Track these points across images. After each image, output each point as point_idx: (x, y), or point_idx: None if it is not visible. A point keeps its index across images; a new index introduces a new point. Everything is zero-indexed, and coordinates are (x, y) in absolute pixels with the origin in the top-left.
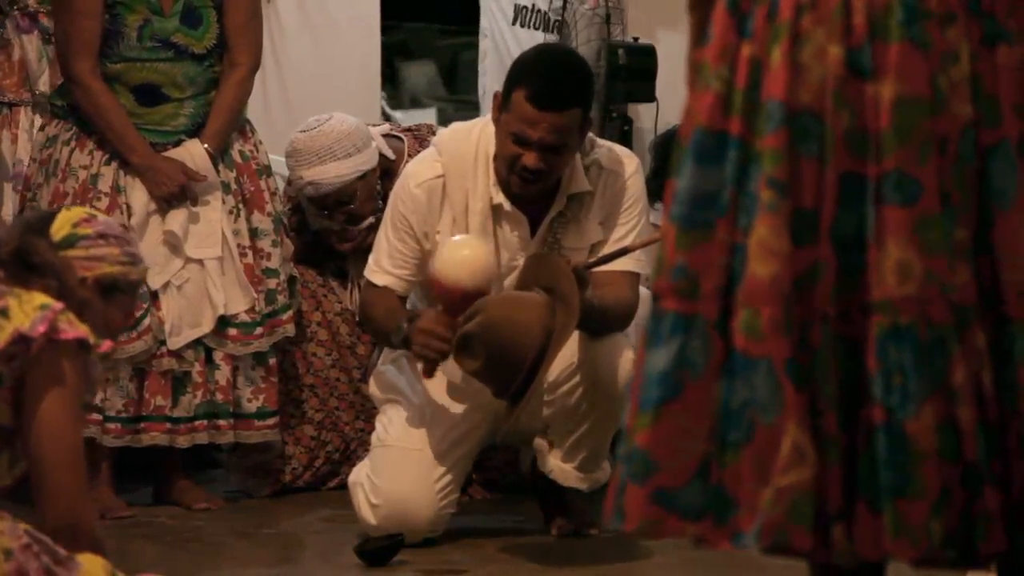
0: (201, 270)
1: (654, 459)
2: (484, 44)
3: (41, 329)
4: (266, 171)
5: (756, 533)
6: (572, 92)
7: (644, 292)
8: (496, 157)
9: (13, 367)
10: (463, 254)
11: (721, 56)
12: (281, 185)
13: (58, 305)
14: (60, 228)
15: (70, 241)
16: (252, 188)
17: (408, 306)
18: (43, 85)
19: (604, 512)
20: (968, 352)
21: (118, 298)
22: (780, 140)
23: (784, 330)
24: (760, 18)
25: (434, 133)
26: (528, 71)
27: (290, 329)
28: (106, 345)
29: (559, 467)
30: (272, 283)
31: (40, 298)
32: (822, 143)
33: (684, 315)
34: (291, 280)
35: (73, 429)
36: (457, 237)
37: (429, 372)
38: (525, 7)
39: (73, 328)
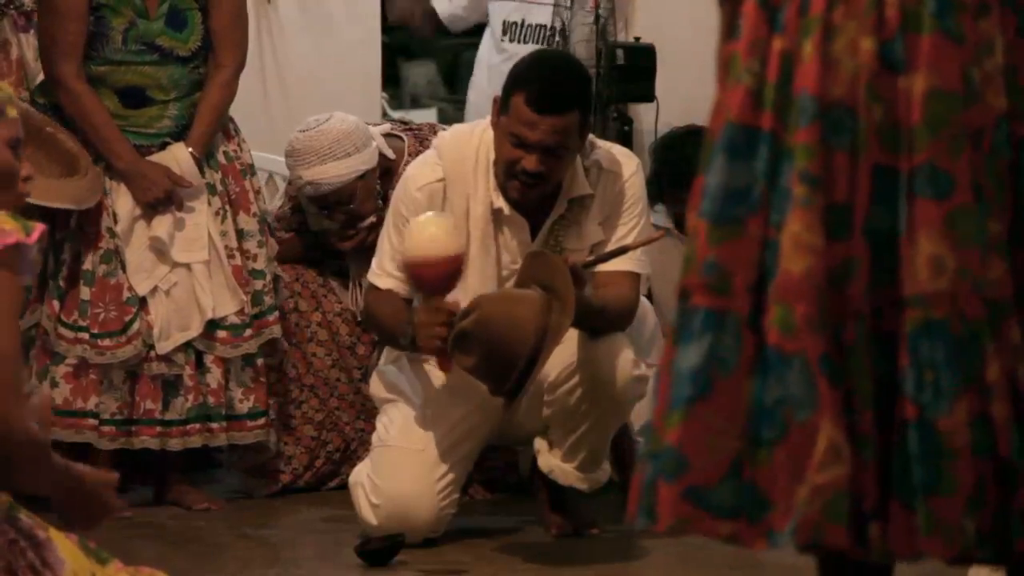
0: (189, 274)
1: (685, 457)
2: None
3: None
4: (250, 171)
5: (791, 531)
6: (571, 94)
7: (646, 303)
8: (496, 162)
9: None
10: (429, 231)
11: (752, 50)
12: (281, 185)
13: None
14: None
15: None
16: (237, 189)
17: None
18: None
19: (628, 512)
20: (1002, 347)
21: None
22: (813, 134)
23: (818, 326)
24: (791, 12)
25: (436, 132)
26: (526, 75)
27: (277, 330)
28: (37, 231)
29: (559, 467)
30: (259, 284)
31: None
32: (855, 137)
33: (715, 312)
34: (275, 279)
35: (9, 339)
36: (418, 217)
37: (445, 364)
38: (515, 23)
39: (3, 235)
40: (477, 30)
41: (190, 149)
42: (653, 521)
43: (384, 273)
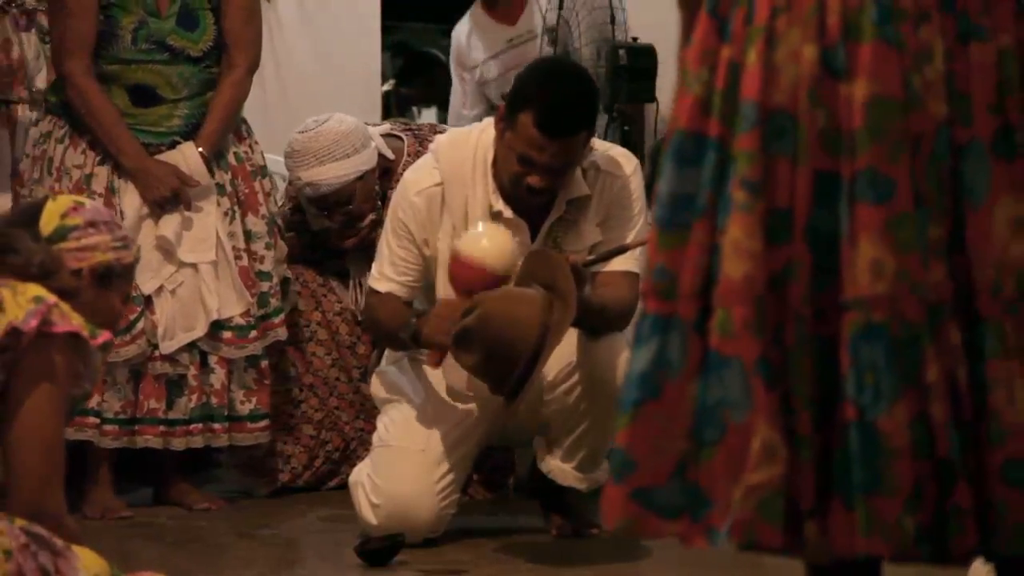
0: (195, 274)
1: (633, 458)
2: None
3: (33, 323)
4: (260, 172)
5: (727, 530)
6: (580, 117)
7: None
8: (498, 168)
9: (5, 360)
10: (499, 241)
11: (701, 59)
12: (281, 185)
13: (52, 299)
14: (48, 221)
15: (60, 234)
16: (247, 190)
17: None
18: (40, 83)
19: (601, 512)
20: (942, 349)
21: (115, 283)
22: (753, 140)
23: (755, 330)
24: (738, 21)
25: (436, 132)
26: (536, 94)
27: (282, 332)
28: (103, 337)
29: (558, 467)
30: (265, 286)
31: (34, 290)
32: (795, 143)
33: (663, 316)
34: (284, 281)
35: (53, 423)
36: (482, 224)
37: (438, 360)
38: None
39: (65, 322)
40: None
41: (199, 148)
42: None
43: (383, 277)
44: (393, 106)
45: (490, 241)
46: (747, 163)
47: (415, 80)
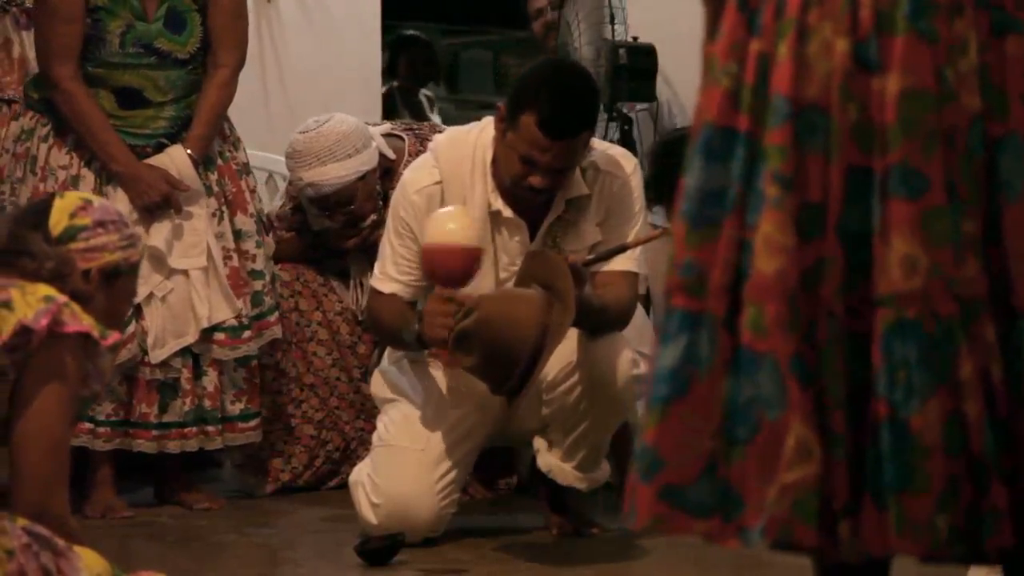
0: (186, 281)
1: (661, 456)
2: None
3: (44, 322)
4: (245, 170)
5: (761, 530)
6: (582, 118)
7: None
8: (498, 168)
9: (15, 358)
10: (451, 220)
11: (730, 52)
12: (281, 185)
13: (62, 298)
14: (58, 221)
15: (70, 234)
16: (234, 189)
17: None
18: None
19: (622, 511)
20: (976, 346)
21: (121, 282)
22: (785, 135)
23: (789, 326)
24: (768, 14)
25: (436, 131)
26: (539, 95)
27: (277, 331)
28: (112, 337)
29: (558, 466)
30: (258, 285)
31: (44, 289)
32: (828, 137)
33: (692, 312)
34: (272, 278)
35: (61, 423)
36: (439, 210)
37: (449, 358)
38: None
39: (76, 321)
40: (475, 30)
41: (188, 151)
42: (635, 520)
43: (386, 277)
44: (400, 106)
45: (452, 219)
46: (779, 158)
47: (397, 66)
